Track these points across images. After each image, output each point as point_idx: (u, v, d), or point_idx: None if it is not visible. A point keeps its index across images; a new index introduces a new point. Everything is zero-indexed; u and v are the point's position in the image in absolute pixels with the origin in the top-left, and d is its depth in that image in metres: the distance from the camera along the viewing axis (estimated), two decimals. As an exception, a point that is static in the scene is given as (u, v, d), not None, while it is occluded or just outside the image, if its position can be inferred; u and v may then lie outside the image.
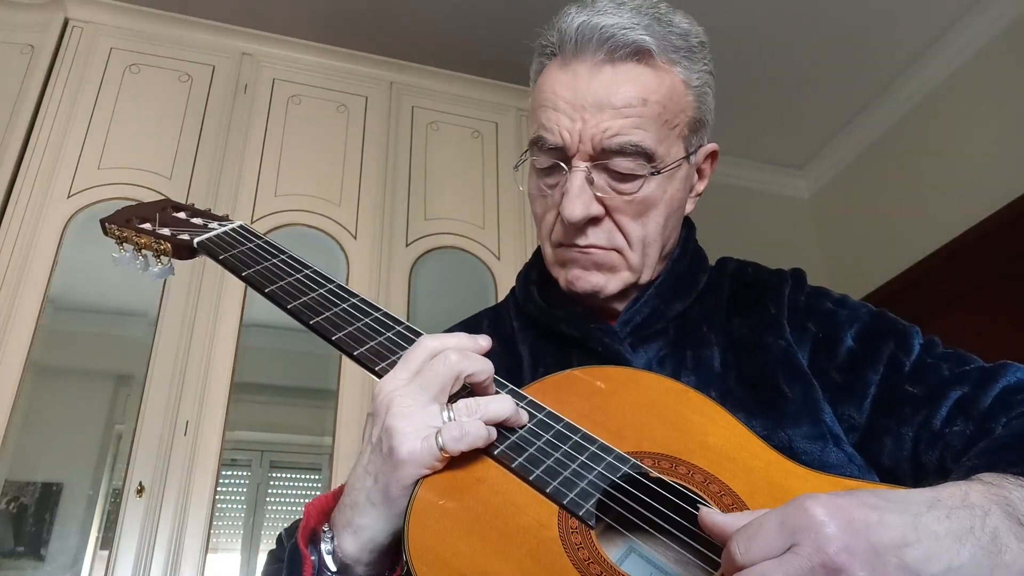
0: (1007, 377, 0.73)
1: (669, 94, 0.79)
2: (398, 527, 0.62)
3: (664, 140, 0.78)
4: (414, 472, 0.60)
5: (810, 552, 0.45)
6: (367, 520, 0.63)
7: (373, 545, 0.63)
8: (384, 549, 0.64)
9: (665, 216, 0.81)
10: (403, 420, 0.61)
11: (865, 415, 0.77)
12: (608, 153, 0.77)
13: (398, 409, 0.61)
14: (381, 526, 0.63)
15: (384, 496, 0.62)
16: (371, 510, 0.63)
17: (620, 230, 0.80)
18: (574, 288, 0.83)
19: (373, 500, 0.63)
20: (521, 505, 0.59)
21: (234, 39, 2.60)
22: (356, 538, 0.63)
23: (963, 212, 2.78)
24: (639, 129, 0.76)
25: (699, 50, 0.83)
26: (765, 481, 0.62)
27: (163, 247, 0.88)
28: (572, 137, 0.77)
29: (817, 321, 0.84)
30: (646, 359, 0.82)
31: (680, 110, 0.80)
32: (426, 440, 0.60)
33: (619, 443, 0.65)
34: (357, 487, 0.64)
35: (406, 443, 0.60)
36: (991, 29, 2.77)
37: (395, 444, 0.60)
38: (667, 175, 0.80)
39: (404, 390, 0.63)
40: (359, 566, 0.64)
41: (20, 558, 1.96)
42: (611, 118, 0.76)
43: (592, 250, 0.81)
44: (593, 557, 0.55)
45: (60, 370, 2.19)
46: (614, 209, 0.79)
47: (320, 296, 0.76)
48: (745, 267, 0.94)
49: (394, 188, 2.54)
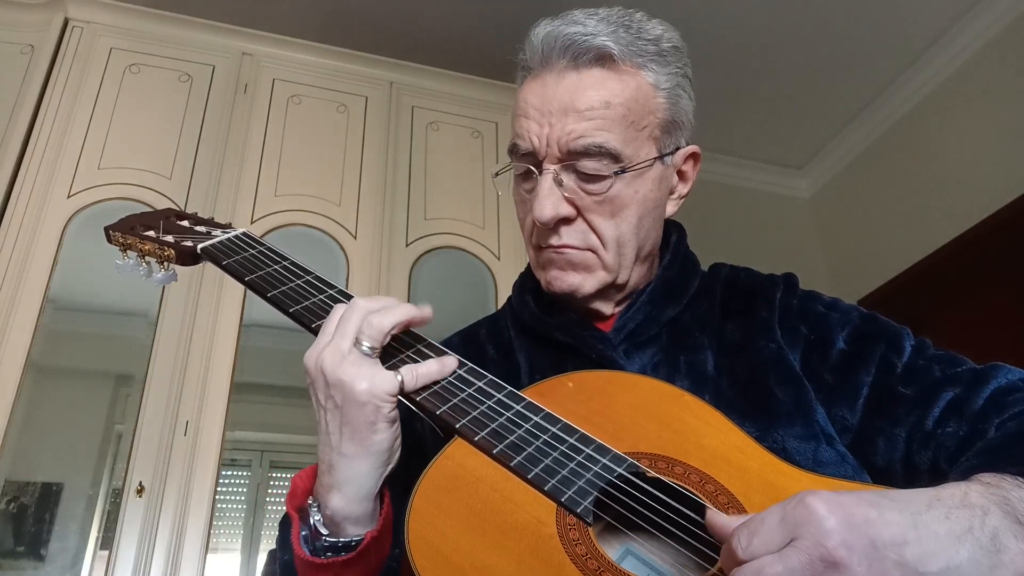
0: (998, 379, 0.74)
1: (635, 96, 0.81)
2: (378, 468, 0.67)
3: (631, 141, 0.80)
4: (375, 407, 0.66)
5: (809, 546, 0.46)
6: (345, 473, 0.67)
7: (360, 494, 0.67)
8: (371, 496, 0.68)
9: (638, 216, 0.83)
10: (344, 369, 0.66)
11: (858, 416, 0.78)
12: (574, 155, 0.79)
13: (330, 363, 0.66)
14: (361, 472, 0.67)
15: (353, 442, 0.66)
16: (344, 462, 0.67)
17: (593, 230, 0.82)
18: (552, 289, 0.85)
19: (344, 451, 0.66)
20: (520, 502, 0.60)
21: (234, 39, 2.60)
22: (342, 494, 0.67)
23: (963, 212, 2.78)
24: (603, 131, 0.79)
25: (671, 54, 0.85)
26: (760, 481, 0.62)
27: (167, 253, 0.89)
28: (540, 142, 0.81)
29: (809, 324, 0.85)
30: (640, 365, 0.83)
31: (648, 112, 0.82)
32: (374, 376, 0.66)
33: (616, 444, 0.66)
34: (325, 452, 0.68)
35: (358, 384, 0.65)
36: (991, 29, 2.77)
37: (347, 391, 0.65)
38: (637, 175, 0.81)
39: (328, 351, 0.67)
40: (348, 523, 0.67)
41: (20, 558, 1.96)
42: (575, 121, 0.79)
43: (566, 250, 0.83)
44: (591, 553, 0.56)
45: (60, 370, 2.19)
46: (585, 209, 0.82)
47: (321, 300, 0.78)
48: (738, 272, 0.95)
49: (394, 188, 2.54)
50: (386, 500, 0.70)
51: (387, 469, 0.69)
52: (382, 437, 0.67)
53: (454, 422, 0.66)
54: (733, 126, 3.37)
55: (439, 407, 0.68)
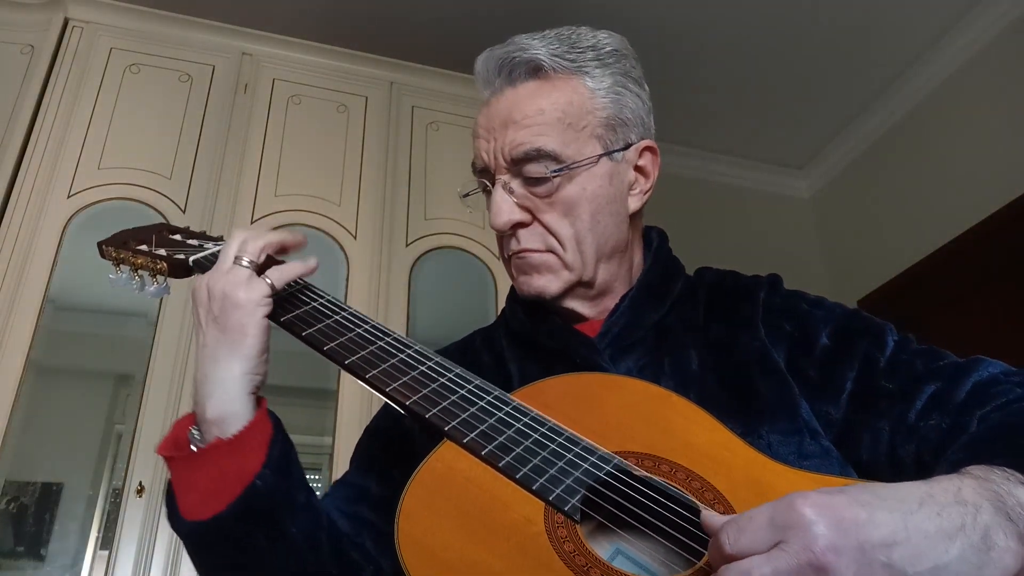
0: (979, 372, 0.75)
1: (569, 100, 0.85)
2: (248, 373, 0.73)
3: (572, 141, 0.84)
4: (249, 311, 0.73)
5: (797, 550, 0.46)
6: (218, 376, 0.72)
7: (231, 395, 0.72)
8: (242, 397, 0.72)
9: (591, 213, 0.85)
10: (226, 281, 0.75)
11: (842, 411, 0.79)
12: (518, 162, 0.84)
13: (214, 279, 0.76)
14: (233, 374, 0.72)
15: (226, 346, 0.72)
16: (217, 367, 0.72)
17: (550, 232, 0.86)
18: (523, 293, 0.89)
19: (218, 356, 0.73)
20: (508, 502, 0.61)
21: (234, 39, 2.60)
22: (215, 399, 0.71)
23: (963, 212, 2.78)
24: (540, 135, 0.83)
25: (610, 56, 0.89)
26: (746, 478, 0.63)
27: (159, 267, 0.91)
28: (490, 157, 0.87)
29: (793, 321, 0.86)
30: (626, 368, 0.85)
31: (586, 112, 0.86)
32: (250, 282, 0.75)
33: (604, 444, 0.66)
34: (200, 367, 0.73)
35: (237, 291, 0.74)
36: (991, 29, 2.77)
37: (227, 299, 0.73)
38: (583, 173, 0.85)
39: (213, 273, 0.77)
40: (229, 422, 0.71)
41: (20, 558, 1.96)
42: (515, 131, 0.84)
43: (526, 253, 0.87)
44: (579, 550, 0.57)
45: (60, 370, 2.20)
46: (538, 211, 0.86)
47: (313, 308, 0.80)
48: (723, 276, 0.97)
49: (394, 188, 2.54)
50: (263, 404, 0.75)
51: (258, 378, 0.74)
52: (252, 341, 0.73)
53: (443, 424, 0.67)
54: (733, 126, 3.37)
55: (429, 410, 0.69)
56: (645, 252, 0.96)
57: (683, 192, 3.26)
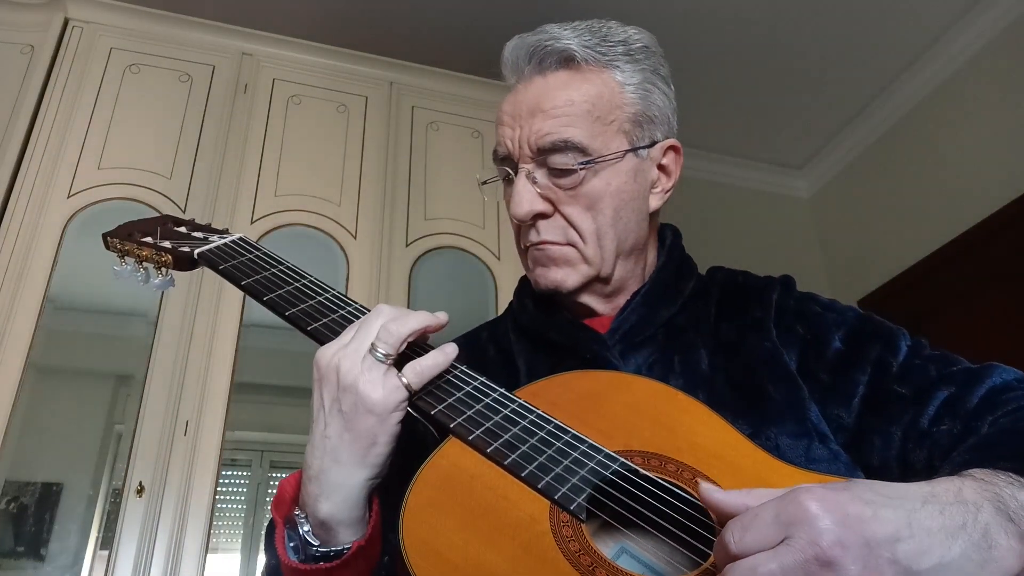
0: (993, 378, 0.74)
1: (599, 93, 0.85)
2: (370, 480, 0.67)
3: (599, 135, 0.83)
4: (382, 419, 0.66)
5: (803, 545, 0.45)
6: (335, 480, 0.66)
7: (349, 503, 0.67)
8: (359, 503, 0.68)
9: (614, 208, 0.85)
10: (359, 374, 0.66)
11: (854, 415, 0.78)
12: (544, 152, 0.83)
13: (347, 365, 0.66)
14: (353, 482, 0.67)
15: (352, 451, 0.66)
16: (337, 469, 0.66)
17: (571, 224, 0.85)
18: (539, 286, 0.88)
19: (341, 459, 0.66)
20: (514, 500, 0.60)
21: (234, 39, 2.60)
22: (331, 502, 0.67)
23: (963, 212, 2.79)
24: (568, 127, 0.82)
25: (640, 53, 0.88)
26: (752, 478, 0.63)
27: (164, 259, 0.91)
28: (514, 145, 0.85)
29: (805, 324, 0.86)
30: (635, 365, 0.84)
31: (615, 107, 0.85)
32: (387, 383, 0.66)
33: (608, 443, 0.66)
34: (316, 456, 0.67)
35: (372, 392, 0.65)
36: (991, 29, 2.77)
37: (360, 397, 0.65)
38: (608, 167, 0.84)
39: (346, 351, 0.67)
40: (341, 528, 0.67)
41: (20, 558, 1.96)
42: (542, 120, 0.83)
43: (546, 246, 0.86)
44: (584, 549, 0.57)
45: (60, 370, 2.19)
46: (560, 204, 0.85)
47: (318, 303, 0.79)
48: (735, 275, 0.97)
49: (394, 188, 2.54)
50: (375, 507, 0.70)
51: (377, 480, 0.69)
52: (380, 451, 0.67)
53: (449, 421, 0.67)
54: (733, 126, 3.38)
55: (434, 407, 0.68)
56: (659, 250, 0.95)
57: (683, 192, 3.25)
